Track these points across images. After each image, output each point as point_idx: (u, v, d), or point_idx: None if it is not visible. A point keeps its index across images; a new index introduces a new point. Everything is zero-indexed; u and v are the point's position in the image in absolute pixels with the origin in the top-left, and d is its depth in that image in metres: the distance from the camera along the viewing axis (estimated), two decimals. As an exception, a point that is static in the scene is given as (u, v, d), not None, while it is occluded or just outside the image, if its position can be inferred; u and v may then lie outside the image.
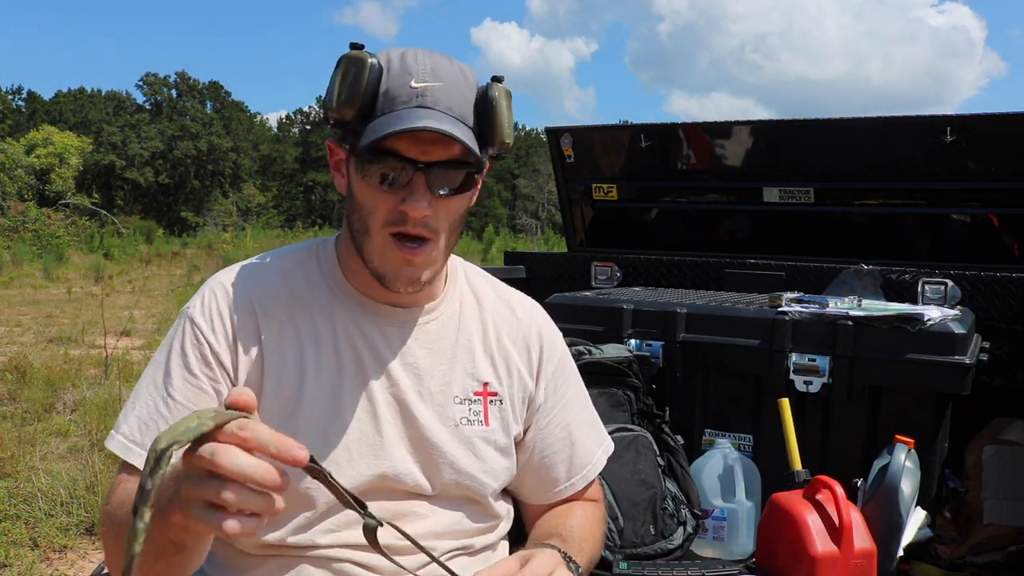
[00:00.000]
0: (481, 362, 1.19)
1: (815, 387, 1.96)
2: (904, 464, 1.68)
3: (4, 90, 49.28)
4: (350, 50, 1.03)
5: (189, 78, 50.91)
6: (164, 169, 46.78)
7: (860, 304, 2.07)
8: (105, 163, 44.03)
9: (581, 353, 1.94)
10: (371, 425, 1.10)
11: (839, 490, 1.48)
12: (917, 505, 1.77)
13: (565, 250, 3.36)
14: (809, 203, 2.76)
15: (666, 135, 2.96)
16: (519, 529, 1.33)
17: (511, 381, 1.22)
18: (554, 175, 3.23)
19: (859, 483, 1.76)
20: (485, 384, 1.18)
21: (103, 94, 50.41)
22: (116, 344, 6.68)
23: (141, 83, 50.28)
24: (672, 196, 3.11)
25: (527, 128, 53.05)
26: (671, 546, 1.78)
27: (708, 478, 1.88)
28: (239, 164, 49.61)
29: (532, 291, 1.36)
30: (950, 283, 2.26)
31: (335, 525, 1.08)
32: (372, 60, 1.01)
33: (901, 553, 1.70)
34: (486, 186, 1.92)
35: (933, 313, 1.92)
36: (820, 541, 1.45)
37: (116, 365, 6.15)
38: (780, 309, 2.04)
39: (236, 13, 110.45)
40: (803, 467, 1.73)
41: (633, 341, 2.13)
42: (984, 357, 1.95)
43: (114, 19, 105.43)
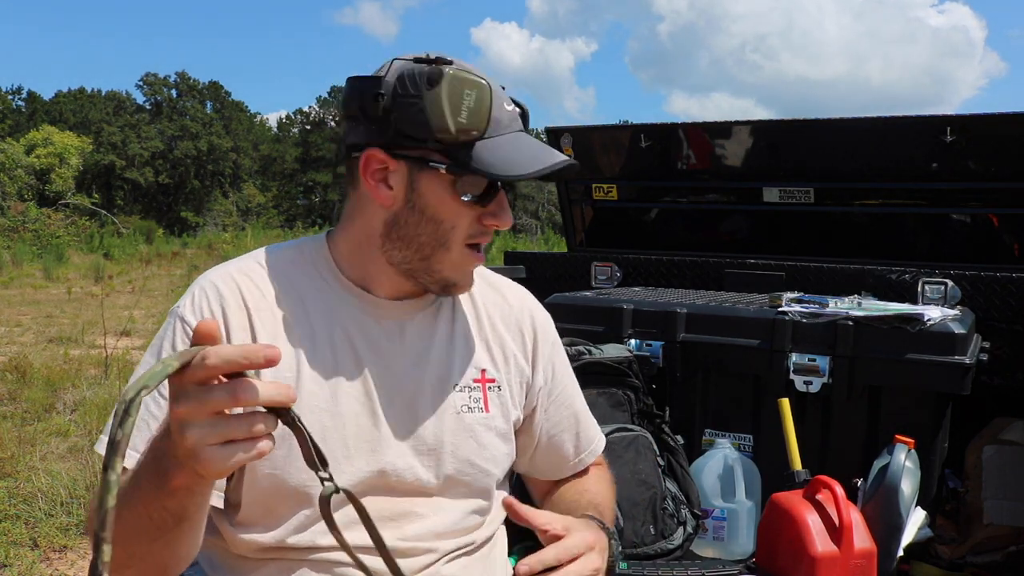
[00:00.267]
0: (477, 349, 1.20)
1: (815, 387, 1.96)
2: (904, 464, 1.68)
3: (4, 90, 49.27)
4: (446, 68, 1.00)
5: (189, 78, 50.90)
6: (164, 169, 46.73)
7: (860, 304, 2.07)
8: (105, 163, 43.99)
9: (581, 353, 1.94)
10: (369, 421, 1.10)
11: (839, 490, 1.48)
12: (917, 505, 1.78)
13: (565, 250, 3.36)
14: (809, 203, 2.76)
15: (666, 135, 2.96)
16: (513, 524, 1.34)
17: (508, 367, 1.22)
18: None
19: (859, 483, 1.76)
20: (483, 371, 1.19)
21: (103, 94, 50.37)
22: (116, 344, 6.68)
23: (141, 83, 50.27)
24: (672, 196, 3.11)
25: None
26: (671, 546, 1.78)
27: (708, 478, 1.88)
28: (239, 164, 49.57)
29: (532, 291, 1.36)
30: (950, 283, 2.26)
31: (336, 525, 1.07)
32: (487, 84, 1.02)
33: (901, 553, 1.70)
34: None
35: (933, 313, 1.92)
36: (820, 541, 1.45)
37: (116, 365, 6.15)
38: (780, 309, 2.04)
39: (236, 13, 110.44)
40: (803, 467, 1.73)
41: (633, 341, 2.13)
42: (984, 357, 1.95)
43: (114, 19, 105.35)
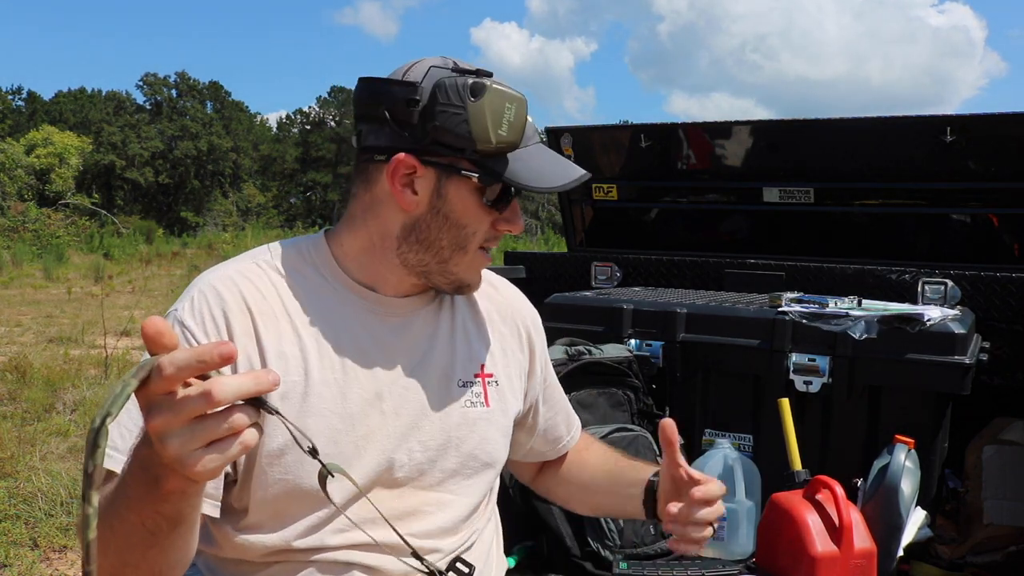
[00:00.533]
0: (476, 344, 1.21)
1: (815, 387, 1.96)
2: (904, 464, 1.68)
3: (4, 90, 49.23)
4: (487, 81, 1.04)
5: (189, 78, 50.87)
6: (164, 169, 46.71)
7: (860, 304, 2.07)
8: (105, 163, 43.98)
9: (581, 353, 1.94)
10: (379, 419, 1.10)
11: (839, 490, 1.48)
12: (917, 505, 1.78)
13: (565, 250, 3.36)
14: (809, 203, 2.75)
15: (666, 135, 2.96)
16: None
17: (506, 360, 1.24)
18: (554, 175, 3.22)
19: (859, 483, 1.76)
20: (482, 366, 1.21)
21: (103, 94, 50.36)
22: (116, 344, 6.68)
23: (141, 83, 50.23)
24: (672, 196, 3.11)
25: (527, 128, 52.84)
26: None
27: (708, 478, 1.88)
28: (239, 164, 49.54)
29: (532, 291, 1.37)
30: (950, 283, 2.26)
31: (345, 525, 1.06)
32: (522, 97, 1.07)
33: (901, 553, 1.70)
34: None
35: (933, 313, 1.92)
36: (820, 541, 1.45)
37: (116, 365, 6.15)
38: (780, 309, 2.04)
39: (236, 13, 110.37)
40: (803, 467, 1.73)
41: (633, 341, 2.13)
42: (984, 357, 1.95)
43: (114, 19, 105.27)
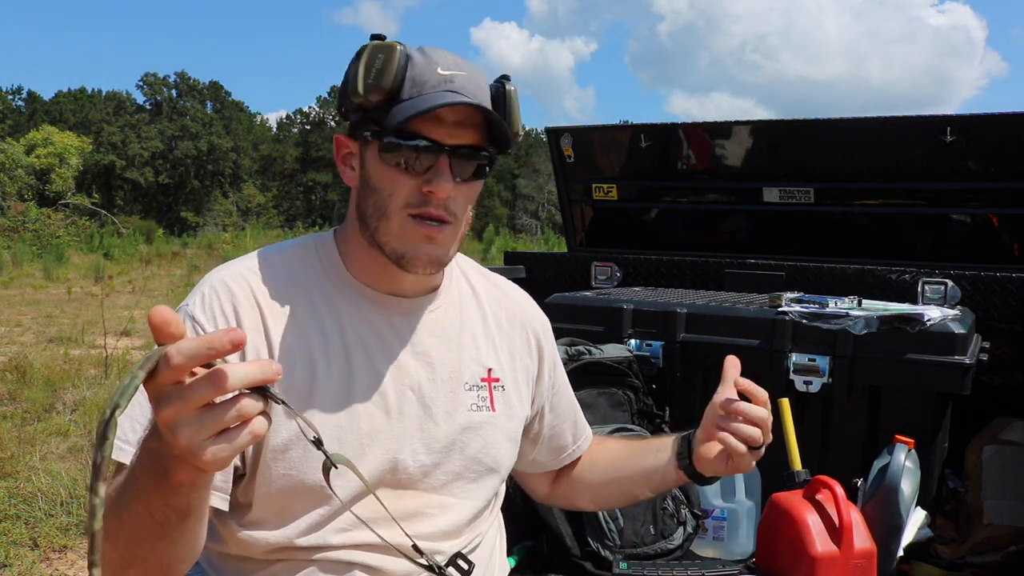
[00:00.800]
0: (484, 348, 1.21)
1: (815, 387, 1.96)
2: (904, 464, 1.68)
3: (4, 90, 49.33)
4: (376, 42, 1.04)
5: (189, 78, 50.92)
6: (164, 169, 46.75)
7: (860, 304, 2.07)
8: (105, 163, 44.02)
9: (581, 353, 1.94)
10: (383, 419, 1.10)
11: (839, 490, 1.48)
12: (917, 505, 1.78)
13: (565, 250, 3.36)
14: (809, 203, 2.76)
15: (666, 135, 2.96)
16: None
17: (514, 364, 1.23)
18: (554, 175, 3.23)
19: (859, 483, 1.76)
20: (489, 370, 1.20)
21: (103, 94, 50.40)
22: (116, 344, 6.68)
23: (141, 83, 50.30)
24: (672, 196, 3.11)
25: (527, 128, 52.86)
26: (671, 546, 1.78)
27: (708, 478, 1.88)
28: (239, 164, 49.58)
29: (532, 291, 1.36)
30: (950, 283, 2.26)
31: (347, 524, 1.07)
32: (400, 47, 1.04)
33: (901, 553, 1.70)
34: (486, 186, 1.91)
35: (933, 313, 1.92)
36: (820, 541, 1.45)
37: (116, 365, 6.15)
38: (780, 309, 2.04)
39: (236, 13, 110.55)
40: (803, 467, 1.73)
41: (633, 341, 2.13)
42: (984, 357, 1.95)
43: (114, 19, 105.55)
